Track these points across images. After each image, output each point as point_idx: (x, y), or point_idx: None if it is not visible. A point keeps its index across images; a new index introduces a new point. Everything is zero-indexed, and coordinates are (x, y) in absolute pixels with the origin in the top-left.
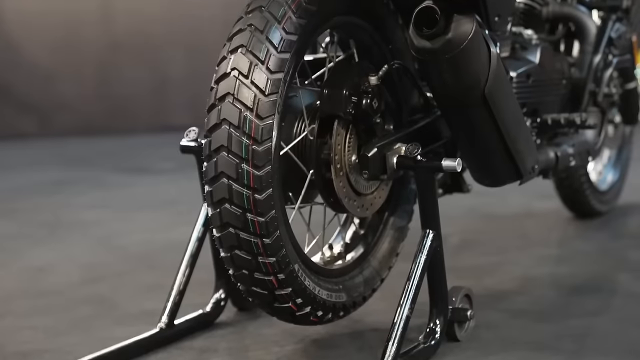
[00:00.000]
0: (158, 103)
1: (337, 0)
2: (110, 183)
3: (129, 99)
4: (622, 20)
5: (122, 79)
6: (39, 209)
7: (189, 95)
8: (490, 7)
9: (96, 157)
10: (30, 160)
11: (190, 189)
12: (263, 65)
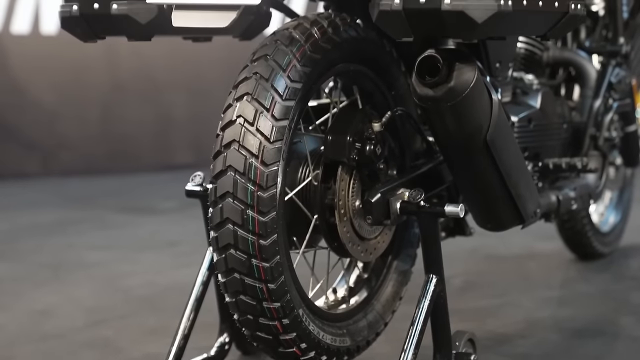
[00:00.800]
0: (161, 143)
1: (341, 48)
2: (113, 223)
3: (132, 139)
4: (621, 65)
5: (126, 120)
6: (41, 250)
7: (191, 135)
8: (491, 54)
9: (99, 196)
10: (33, 200)
11: (192, 229)
12: (268, 113)
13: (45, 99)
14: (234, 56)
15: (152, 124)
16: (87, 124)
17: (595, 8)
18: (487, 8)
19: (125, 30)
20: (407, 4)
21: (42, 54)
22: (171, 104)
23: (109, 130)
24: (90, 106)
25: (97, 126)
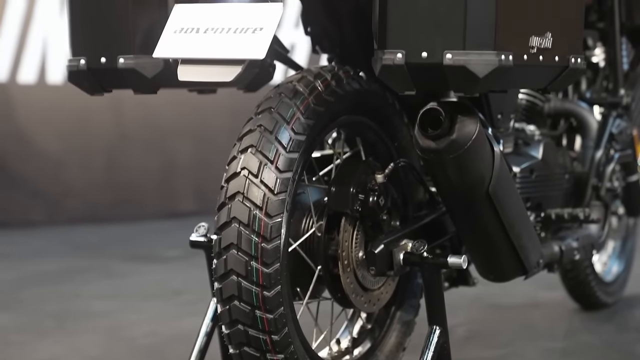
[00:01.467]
0: (165, 190)
1: (344, 101)
2: (118, 272)
3: (136, 187)
4: (622, 116)
5: (131, 168)
6: (46, 299)
7: (196, 182)
8: (493, 106)
9: (104, 244)
10: (38, 248)
11: (197, 278)
12: (272, 165)
13: (51, 147)
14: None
15: (157, 172)
16: (92, 172)
17: (595, 59)
18: (488, 63)
19: (132, 84)
20: (410, 58)
21: (48, 103)
22: (176, 152)
23: (113, 178)
24: (95, 154)
25: (102, 174)
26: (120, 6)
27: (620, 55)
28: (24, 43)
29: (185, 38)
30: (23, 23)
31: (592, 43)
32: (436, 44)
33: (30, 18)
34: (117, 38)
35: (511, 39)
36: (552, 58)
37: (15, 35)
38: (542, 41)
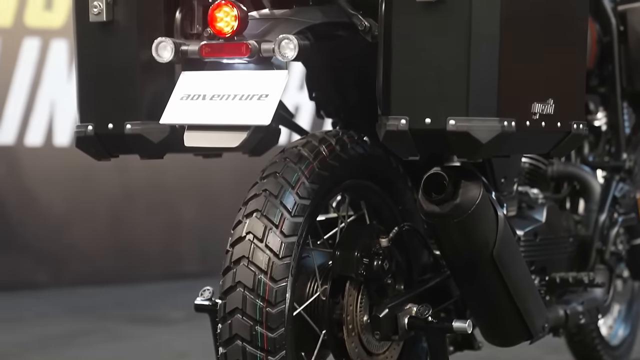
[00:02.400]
0: (170, 251)
1: (349, 165)
2: (122, 334)
3: (141, 248)
4: (625, 180)
5: (135, 229)
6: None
7: (201, 244)
8: (496, 170)
9: (109, 307)
10: (43, 311)
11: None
12: (277, 229)
13: (56, 209)
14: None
15: (162, 232)
16: (97, 233)
17: (597, 123)
18: (491, 129)
19: (138, 149)
20: (413, 124)
21: (55, 164)
22: (181, 212)
23: (118, 239)
24: (100, 215)
25: (107, 235)
26: (128, 73)
27: (622, 120)
28: (32, 106)
29: (192, 104)
30: (31, 86)
31: (594, 107)
32: (439, 110)
33: (38, 81)
34: (124, 104)
35: (513, 106)
36: (554, 124)
37: (23, 98)
38: (544, 107)
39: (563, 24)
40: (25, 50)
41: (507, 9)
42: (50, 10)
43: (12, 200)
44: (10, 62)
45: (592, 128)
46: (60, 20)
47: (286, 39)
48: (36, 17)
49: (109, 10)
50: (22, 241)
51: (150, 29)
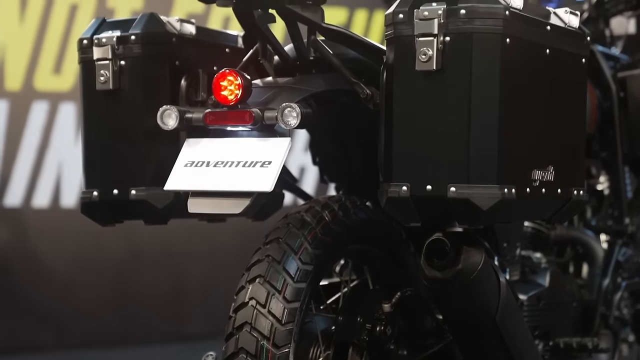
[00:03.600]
0: (174, 312)
1: (351, 231)
2: None
3: (145, 308)
4: (628, 244)
5: (140, 289)
6: None
7: (205, 304)
8: (499, 235)
9: None
10: None
11: None
12: (280, 295)
13: (61, 268)
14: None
15: (166, 294)
16: (101, 294)
17: (600, 187)
18: (492, 196)
19: (143, 215)
20: (415, 191)
21: (61, 226)
22: (185, 272)
23: (123, 300)
24: (105, 275)
25: (111, 295)
26: (133, 140)
27: (623, 184)
28: (39, 168)
29: (196, 171)
30: (39, 148)
31: (595, 172)
32: (440, 177)
33: (46, 144)
34: (129, 171)
35: (514, 173)
36: (554, 191)
37: (31, 160)
38: (544, 174)
39: (562, 91)
40: (34, 113)
41: (506, 77)
42: (59, 74)
43: (17, 262)
44: (19, 125)
45: (594, 192)
46: (69, 84)
47: (289, 107)
48: (45, 80)
49: (115, 78)
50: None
51: (156, 96)
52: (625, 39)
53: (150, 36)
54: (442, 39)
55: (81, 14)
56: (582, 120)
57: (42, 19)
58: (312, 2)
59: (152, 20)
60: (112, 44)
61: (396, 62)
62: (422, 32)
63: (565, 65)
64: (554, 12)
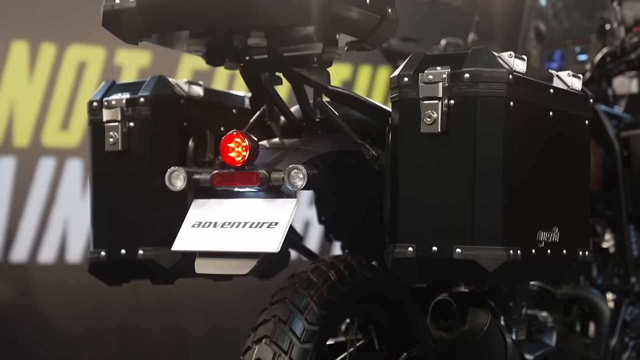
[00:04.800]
0: None
1: (357, 290)
2: None
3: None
4: (635, 303)
5: (145, 346)
6: None
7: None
8: (505, 295)
9: None
10: None
11: None
12: (286, 356)
13: (66, 326)
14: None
15: (171, 352)
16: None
17: (605, 245)
18: (497, 258)
19: (150, 275)
20: (420, 252)
21: (66, 281)
22: (191, 330)
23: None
24: (110, 331)
25: (116, 353)
26: (141, 200)
27: (629, 243)
28: (45, 224)
29: (203, 232)
30: (46, 204)
31: (601, 230)
32: (446, 238)
33: (53, 199)
34: (137, 231)
35: (519, 234)
36: (559, 252)
37: (37, 216)
38: (550, 235)
39: (566, 153)
40: (41, 169)
41: (510, 140)
42: (67, 130)
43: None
44: (26, 181)
45: (599, 250)
46: (76, 140)
47: (295, 169)
48: (53, 136)
49: (124, 140)
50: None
51: (164, 157)
52: (627, 98)
53: (158, 98)
54: (446, 102)
55: (89, 70)
56: (586, 181)
57: (51, 75)
58: (318, 65)
59: (161, 82)
60: (122, 106)
61: (401, 124)
62: (426, 95)
63: (569, 127)
64: (556, 75)
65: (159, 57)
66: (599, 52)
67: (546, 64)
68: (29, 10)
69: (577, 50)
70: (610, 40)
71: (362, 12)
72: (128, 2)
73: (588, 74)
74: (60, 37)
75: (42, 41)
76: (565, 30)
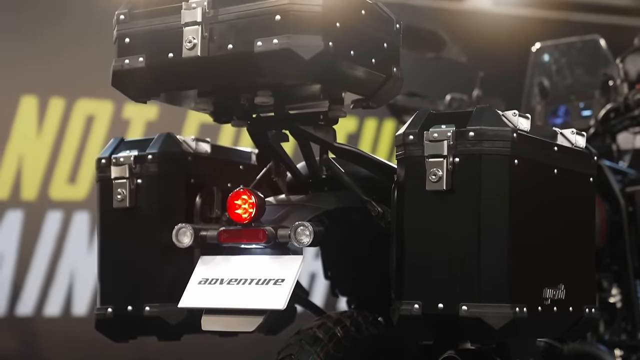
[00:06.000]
0: None
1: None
2: None
3: None
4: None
5: None
6: None
7: None
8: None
9: None
10: None
11: None
12: None
13: None
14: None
15: None
16: None
17: (612, 300)
18: (503, 316)
19: (156, 331)
20: (426, 309)
21: (72, 334)
22: None
23: None
24: None
25: None
26: (148, 257)
27: (636, 298)
28: (52, 277)
29: (210, 289)
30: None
31: (607, 285)
32: (452, 295)
33: (59, 252)
34: (143, 287)
35: (525, 291)
36: (566, 309)
37: (44, 269)
38: (556, 292)
39: (571, 210)
40: (48, 222)
41: (515, 198)
42: (74, 183)
43: None
44: (33, 234)
45: (606, 305)
46: (83, 193)
47: (302, 226)
48: (60, 190)
49: (132, 196)
50: None
51: (171, 214)
52: (632, 154)
53: (166, 155)
54: (451, 160)
55: (97, 124)
56: (592, 238)
57: (60, 129)
58: (324, 123)
59: (169, 140)
60: (130, 163)
61: (407, 181)
62: (432, 153)
63: (573, 185)
64: (560, 132)
65: (166, 111)
66: (602, 108)
67: (550, 119)
68: (39, 65)
69: (581, 106)
70: (614, 96)
71: (368, 71)
72: (137, 62)
73: (592, 129)
74: (69, 91)
75: (51, 95)
76: (569, 86)
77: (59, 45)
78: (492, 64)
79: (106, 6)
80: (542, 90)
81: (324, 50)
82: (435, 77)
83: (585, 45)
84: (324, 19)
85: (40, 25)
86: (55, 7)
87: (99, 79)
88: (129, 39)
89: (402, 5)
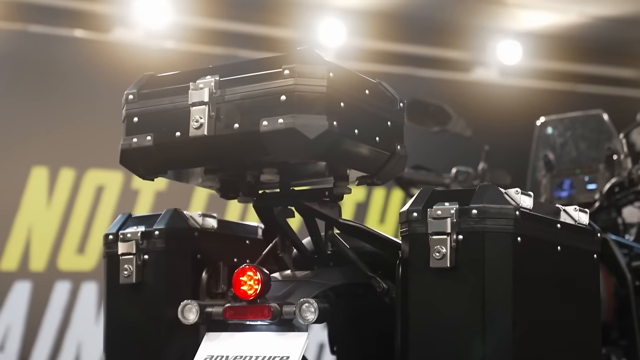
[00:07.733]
0: None
1: None
2: None
3: None
4: None
5: None
6: None
7: None
8: None
9: None
10: None
11: None
12: None
13: None
14: None
15: None
16: None
17: None
18: None
19: None
20: None
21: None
22: None
23: None
24: None
25: None
26: (154, 332)
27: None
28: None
29: None
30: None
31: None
32: None
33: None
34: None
35: None
36: None
37: (51, 339)
38: None
39: (575, 286)
40: (56, 293)
41: (518, 275)
42: (83, 254)
43: None
44: (41, 304)
45: None
46: (92, 263)
47: (307, 303)
48: (68, 260)
49: (138, 272)
50: None
51: (177, 290)
52: (637, 227)
53: (173, 231)
54: (455, 237)
55: (107, 194)
56: (597, 314)
57: (69, 200)
58: (330, 199)
59: (176, 215)
60: (137, 239)
61: (411, 258)
62: (435, 231)
63: (577, 261)
64: (563, 209)
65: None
66: (607, 181)
67: (556, 192)
68: (49, 136)
69: (586, 179)
70: (618, 170)
71: (372, 149)
72: (145, 141)
73: (597, 203)
74: (79, 162)
75: (61, 166)
76: (574, 159)
77: (70, 117)
78: (498, 135)
79: (116, 79)
80: (547, 164)
81: (328, 130)
82: (441, 150)
83: (589, 120)
84: (328, 99)
85: (52, 97)
86: (65, 79)
87: (109, 149)
88: (137, 118)
89: (408, 77)
